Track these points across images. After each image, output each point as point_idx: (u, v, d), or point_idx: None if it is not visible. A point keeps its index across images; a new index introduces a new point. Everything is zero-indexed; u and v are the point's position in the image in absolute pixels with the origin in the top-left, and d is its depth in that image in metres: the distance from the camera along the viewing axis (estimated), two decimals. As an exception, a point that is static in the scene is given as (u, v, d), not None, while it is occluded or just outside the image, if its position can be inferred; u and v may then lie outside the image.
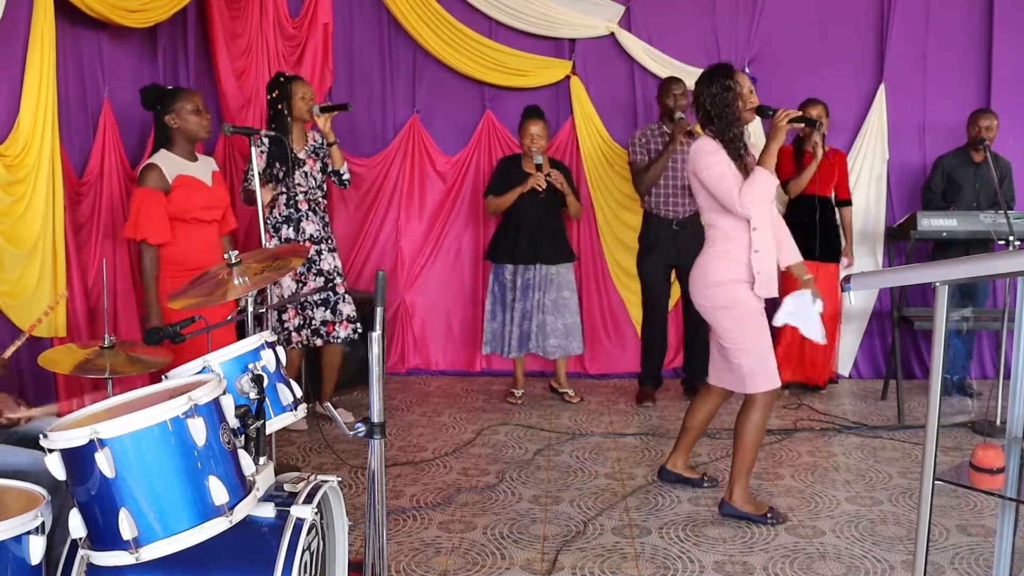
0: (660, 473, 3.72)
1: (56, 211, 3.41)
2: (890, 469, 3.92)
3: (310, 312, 4.33)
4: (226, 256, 2.56)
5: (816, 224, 4.96)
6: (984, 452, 1.90)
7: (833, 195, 5.12)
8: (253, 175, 3.41)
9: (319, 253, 4.33)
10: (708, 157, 3.19)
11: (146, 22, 3.96)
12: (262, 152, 4.14)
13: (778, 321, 3.32)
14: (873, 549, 3.10)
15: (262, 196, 3.63)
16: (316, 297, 4.32)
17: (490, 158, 5.56)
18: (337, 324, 4.35)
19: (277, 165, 4.18)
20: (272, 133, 3.80)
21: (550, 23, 5.43)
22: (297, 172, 4.25)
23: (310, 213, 4.31)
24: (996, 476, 1.89)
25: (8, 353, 2.29)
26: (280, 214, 4.27)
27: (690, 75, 5.11)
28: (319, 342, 4.36)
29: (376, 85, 5.59)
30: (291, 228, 4.27)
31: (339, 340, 4.38)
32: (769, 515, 3.31)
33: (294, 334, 4.31)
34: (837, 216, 5.14)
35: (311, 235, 4.31)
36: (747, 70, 5.38)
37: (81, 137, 3.83)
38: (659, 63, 5.43)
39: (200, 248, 3.55)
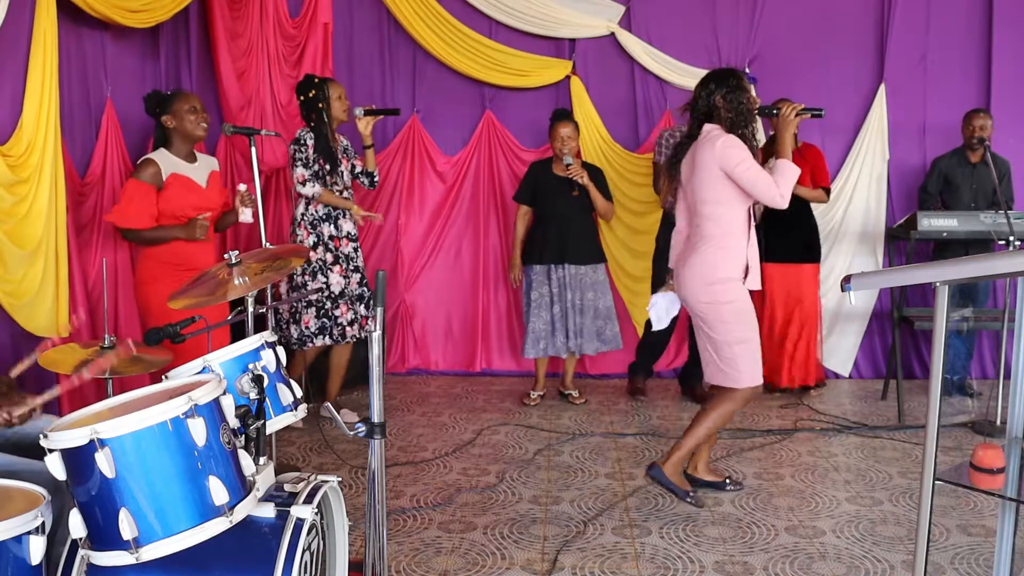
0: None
1: (59, 211, 3.41)
2: (890, 469, 3.92)
3: (357, 307, 4.40)
4: (226, 256, 2.56)
5: (789, 225, 4.91)
6: (984, 452, 1.90)
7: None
8: (255, 176, 3.43)
9: (356, 250, 4.43)
10: (740, 151, 3.20)
11: (148, 22, 3.96)
12: (306, 148, 4.21)
13: (662, 324, 3.62)
14: (873, 549, 3.10)
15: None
16: (355, 292, 4.40)
17: (490, 158, 5.57)
18: (371, 319, 4.40)
19: (321, 162, 4.24)
20: (274, 133, 3.84)
21: (550, 23, 5.44)
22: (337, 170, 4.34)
23: (347, 211, 4.38)
24: (996, 476, 1.89)
25: (16, 372, 2.29)
26: (318, 211, 4.32)
27: (690, 75, 5.15)
28: (362, 335, 4.44)
29: (376, 85, 5.60)
30: (331, 225, 4.33)
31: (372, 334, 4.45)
32: (690, 495, 3.40)
33: (348, 328, 4.38)
34: (813, 215, 5.05)
35: (348, 232, 4.39)
36: (747, 70, 5.38)
37: (84, 137, 3.83)
38: (659, 63, 5.43)
39: (192, 248, 3.58)
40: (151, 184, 3.49)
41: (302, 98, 4.32)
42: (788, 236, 4.94)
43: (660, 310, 3.57)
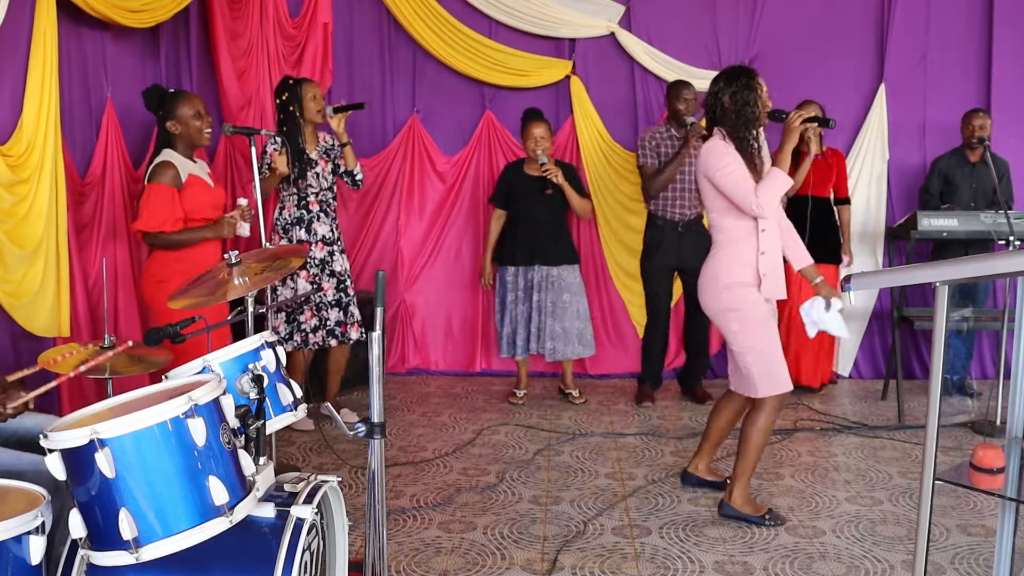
0: (682, 477, 3.69)
1: (59, 211, 3.41)
2: (890, 469, 3.92)
3: (325, 313, 4.34)
4: (226, 256, 2.56)
5: (808, 225, 4.90)
6: (984, 452, 1.90)
7: (832, 195, 5.10)
8: (255, 176, 3.42)
9: (331, 254, 4.35)
10: (722, 158, 3.15)
11: (148, 22, 3.96)
12: (276, 151, 4.14)
13: (810, 333, 3.31)
14: (873, 549, 3.10)
15: (263, 187, 3.67)
16: (330, 298, 4.33)
17: (490, 158, 5.57)
18: (349, 326, 4.37)
19: (289, 166, 4.18)
20: (273, 133, 3.82)
21: (550, 23, 5.43)
22: (309, 173, 4.26)
23: (321, 215, 4.31)
24: (996, 476, 1.89)
25: (14, 377, 2.28)
26: (290, 216, 4.28)
27: (690, 75, 5.15)
28: (334, 342, 4.36)
29: (376, 85, 5.59)
30: (303, 230, 4.27)
31: (351, 341, 4.39)
32: (767, 516, 3.30)
33: (311, 335, 4.31)
34: (835, 216, 5.12)
35: (323, 236, 4.32)
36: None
37: (84, 137, 3.82)
38: (659, 63, 5.43)
39: (209, 249, 3.57)
40: (172, 186, 3.45)
41: (277, 101, 4.27)
42: (812, 238, 4.93)
43: (811, 317, 3.27)
